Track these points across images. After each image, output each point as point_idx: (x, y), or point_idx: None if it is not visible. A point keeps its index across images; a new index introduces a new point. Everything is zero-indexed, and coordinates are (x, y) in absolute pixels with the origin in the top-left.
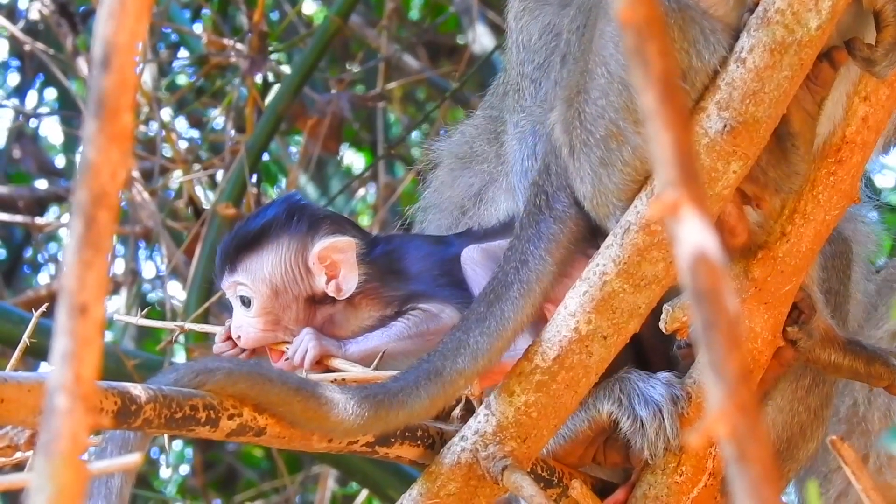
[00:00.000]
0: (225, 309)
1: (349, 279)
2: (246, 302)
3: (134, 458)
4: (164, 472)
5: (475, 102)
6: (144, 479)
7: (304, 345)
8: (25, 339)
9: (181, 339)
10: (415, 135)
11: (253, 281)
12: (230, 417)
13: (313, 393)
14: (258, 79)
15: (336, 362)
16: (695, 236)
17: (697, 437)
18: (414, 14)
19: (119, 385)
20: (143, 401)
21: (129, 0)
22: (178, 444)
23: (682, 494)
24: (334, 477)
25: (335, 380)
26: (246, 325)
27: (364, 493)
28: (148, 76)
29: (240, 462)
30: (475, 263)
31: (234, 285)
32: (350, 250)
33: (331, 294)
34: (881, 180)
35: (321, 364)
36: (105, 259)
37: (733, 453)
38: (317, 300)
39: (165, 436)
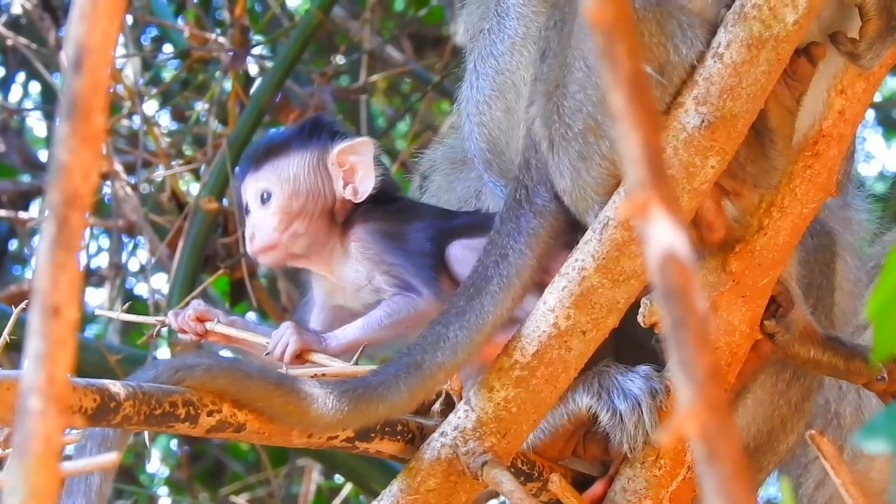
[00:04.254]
0: (208, 301)
1: (366, 180)
2: (265, 198)
3: (111, 457)
4: (151, 467)
5: (458, 92)
6: (130, 472)
7: (285, 339)
8: (5, 335)
9: (164, 333)
10: (400, 126)
11: (278, 178)
12: (210, 414)
13: (293, 388)
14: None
15: (316, 356)
16: (664, 236)
17: (668, 435)
18: (398, 5)
19: (98, 382)
20: (123, 398)
21: (101, 2)
22: (163, 438)
23: (661, 488)
24: (319, 470)
25: (315, 375)
26: (261, 223)
27: (349, 485)
28: (130, 70)
29: (227, 455)
30: (458, 262)
31: (255, 183)
32: (367, 150)
33: (348, 197)
34: (865, 169)
35: (301, 358)
36: (77, 260)
37: (703, 452)
38: (334, 211)
39: (146, 433)
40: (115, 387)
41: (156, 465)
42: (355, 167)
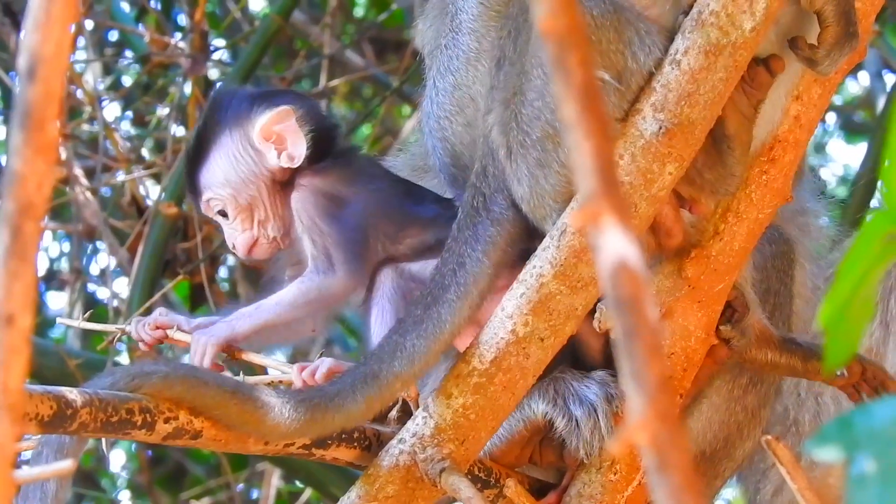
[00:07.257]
0: (169, 307)
1: (297, 145)
2: (224, 213)
3: (66, 465)
4: (113, 470)
5: (418, 98)
6: (91, 477)
7: (201, 345)
8: None
9: (124, 338)
10: (361, 131)
11: (214, 188)
12: (166, 421)
13: (249, 396)
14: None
15: (249, 356)
16: (616, 245)
17: (618, 445)
18: (359, 10)
19: (54, 389)
20: (79, 405)
21: (54, 11)
22: (125, 442)
23: (616, 493)
24: (279, 475)
25: (272, 382)
26: (232, 232)
27: (309, 490)
28: (90, 75)
29: (188, 459)
30: (385, 286)
31: (207, 204)
32: (289, 118)
33: (285, 165)
34: (826, 173)
35: (234, 356)
36: (32, 269)
37: (654, 462)
38: (279, 180)
39: (103, 440)
40: (72, 394)
41: (117, 470)
42: (283, 135)
